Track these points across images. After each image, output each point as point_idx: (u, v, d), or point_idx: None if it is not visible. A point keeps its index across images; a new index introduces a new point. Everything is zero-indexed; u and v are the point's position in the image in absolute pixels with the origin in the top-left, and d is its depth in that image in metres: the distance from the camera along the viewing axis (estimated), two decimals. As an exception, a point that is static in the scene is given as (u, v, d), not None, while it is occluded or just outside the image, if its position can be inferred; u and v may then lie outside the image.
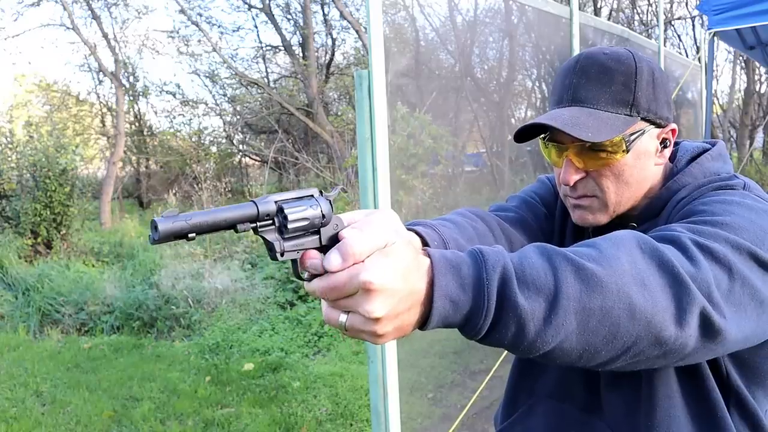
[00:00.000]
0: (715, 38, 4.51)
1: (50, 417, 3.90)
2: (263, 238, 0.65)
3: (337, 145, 12.07)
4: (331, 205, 0.68)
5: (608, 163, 0.93)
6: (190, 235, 0.59)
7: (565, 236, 1.11)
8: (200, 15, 15.20)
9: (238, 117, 16.25)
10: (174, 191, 10.04)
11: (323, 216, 0.66)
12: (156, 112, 23.56)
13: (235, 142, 17.23)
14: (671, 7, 14.40)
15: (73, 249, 8.12)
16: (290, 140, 13.79)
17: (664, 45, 5.62)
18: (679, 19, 14.93)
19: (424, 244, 0.80)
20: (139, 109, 16.27)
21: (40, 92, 15.19)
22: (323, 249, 0.66)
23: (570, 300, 0.63)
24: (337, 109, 15.60)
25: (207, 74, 15.27)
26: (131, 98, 15.07)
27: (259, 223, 0.63)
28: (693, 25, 15.00)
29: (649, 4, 14.26)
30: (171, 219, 0.57)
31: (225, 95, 16.42)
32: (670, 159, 1.03)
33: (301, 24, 14.62)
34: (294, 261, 0.66)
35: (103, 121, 16.57)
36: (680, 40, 15.49)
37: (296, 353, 4.78)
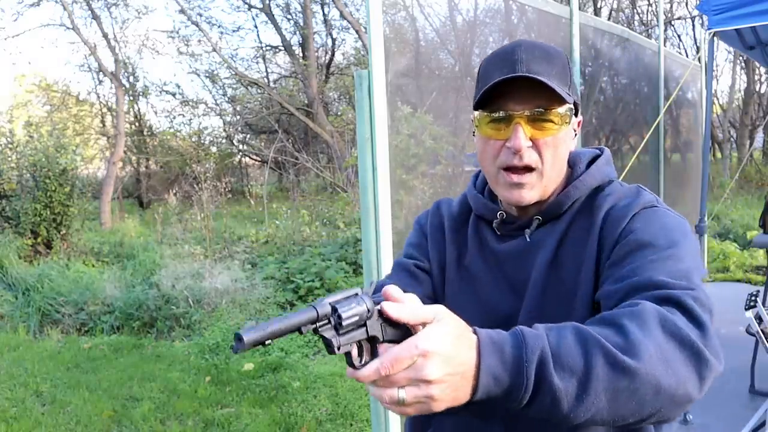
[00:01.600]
0: (715, 38, 4.51)
1: (50, 417, 3.90)
2: (322, 336, 0.74)
3: (337, 145, 12.08)
4: (372, 300, 0.78)
5: (553, 133, 0.99)
6: (267, 342, 0.70)
7: (466, 252, 1.16)
8: (200, 15, 15.22)
9: (238, 117, 16.25)
10: (174, 191, 10.04)
11: (368, 311, 0.76)
12: (156, 112, 23.61)
13: (235, 142, 17.25)
14: (671, 7, 14.41)
15: (73, 249, 8.13)
16: (290, 140, 13.79)
17: (664, 45, 5.62)
18: (679, 19, 14.93)
19: None
20: (139, 109, 16.29)
21: (40, 92, 15.20)
22: (370, 339, 0.76)
23: (600, 382, 0.71)
24: (337, 109, 15.61)
25: (207, 74, 15.28)
26: (131, 98, 15.08)
27: (318, 324, 0.73)
28: (693, 25, 15.01)
29: (649, 4, 14.26)
30: (252, 330, 0.68)
31: (225, 95, 16.44)
32: (568, 164, 1.10)
33: (301, 24, 14.63)
34: (348, 353, 0.76)
35: (103, 121, 16.57)
36: (680, 40, 15.51)
37: (296, 353, 4.78)
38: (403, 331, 0.76)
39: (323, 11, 15.04)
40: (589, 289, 0.98)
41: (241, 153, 17.16)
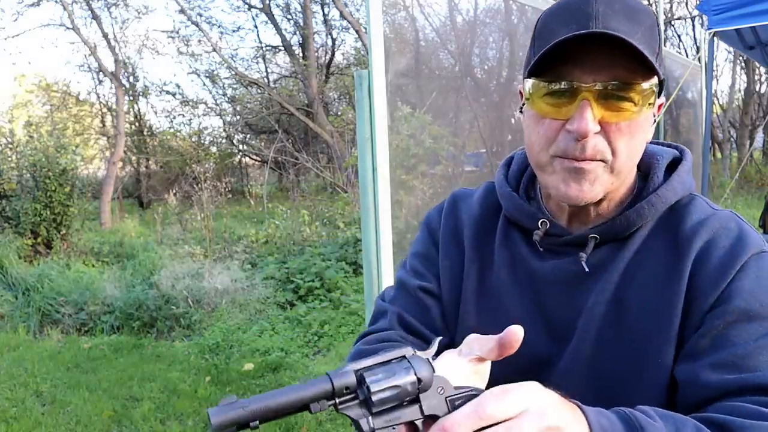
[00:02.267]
0: (715, 38, 4.50)
1: (50, 417, 3.90)
2: (348, 416, 0.56)
3: (337, 145, 12.07)
4: (431, 365, 0.58)
5: (630, 116, 0.74)
6: (251, 424, 0.52)
7: (492, 267, 0.91)
8: (200, 15, 15.24)
9: (238, 117, 16.26)
10: (174, 191, 10.05)
11: (419, 381, 0.56)
12: (156, 112, 23.67)
13: (235, 142, 17.27)
14: (671, 7, 14.41)
15: (73, 249, 8.12)
16: (290, 140, 13.79)
17: (664, 45, 5.62)
18: (679, 19, 14.94)
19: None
20: (139, 109, 16.30)
21: (40, 92, 15.20)
22: (428, 418, 0.57)
23: None
24: (337, 109, 15.62)
25: (207, 74, 15.28)
26: (131, 98, 15.08)
27: (338, 399, 0.56)
28: (693, 25, 15.02)
29: (649, 4, 14.25)
30: (226, 408, 0.51)
31: (225, 95, 16.44)
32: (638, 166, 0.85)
33: (301, 24, 14.63)
34: None
35: (103, 121, 16.59)
36: (680, 40, 15.52)
37: (296, 353, 4.78)
38: None
39: (323, 11, 15.04)
40: (670, 349, 0.75)
41: (241, 153, 17.17)
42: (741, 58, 14.48)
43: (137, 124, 16.39)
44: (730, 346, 0.70)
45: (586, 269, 0.81)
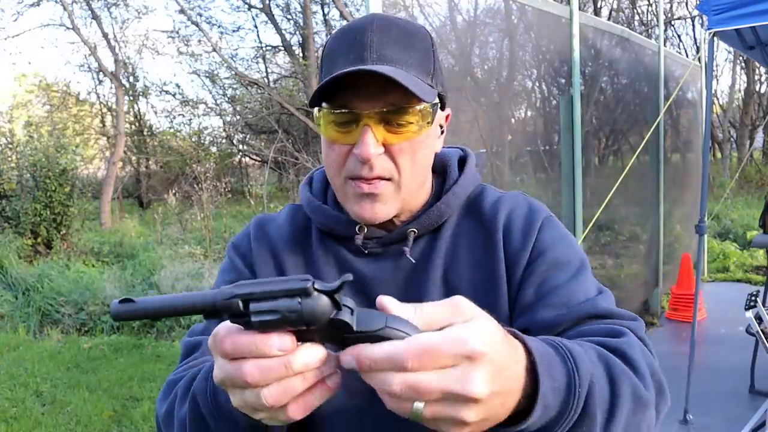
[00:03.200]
0: (715, 38, 4.50)
1: (50, 417, 3.90)
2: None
3: (337, 145, 12.07)
4: (333, 299, 0.54)
5: (410, 136, 0.80)
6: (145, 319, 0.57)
7: (318, 277, 0.89)
8: (200, 15, 15.19)
9: (238, 117, 16.26)
10: (174, 191, 10.05)
11: (305, 322, 0.53)
12: (156, 112, 23.67)
13: (235, 142, 17.26)
14: (671, 7, 14.42)
15: (73, 249, 8.13)
16: (290, 140, 13.79)
17: (664, 45, 5.62)
18: (679, 19, 14.95)
19: None
20: (139, 109, 16.32)
21: (40, 92, 15.21)
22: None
23: (625, 416, 0.64)
24: (337, 109, 15.60)
25: (207, 74, 15.28)
26: (131, 98, 15.08)
27: (226, 316, 0.55)
28: (693, 25, 15.05)
29: (649, 4, 14.26)
30: (124, 306, 0.55)
31: (225, 95, 16.43)
32: (434, 168, 0.93)
33: (301, 24, 14.63)
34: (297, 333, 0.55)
35: (103, 121, 16.60)
36: (680, 40, 15.55)
37: (296, 353, 4.79)
38: None
39: (323, 11, 15.04)
40: (505, 310, 0.84)
41: (241, 153, 17.17)
42: (741, 58, 14.49)
43: (137, 124, 16.40)
44: (553, 289, 0.81)
45: (413, 261, 0.87)
